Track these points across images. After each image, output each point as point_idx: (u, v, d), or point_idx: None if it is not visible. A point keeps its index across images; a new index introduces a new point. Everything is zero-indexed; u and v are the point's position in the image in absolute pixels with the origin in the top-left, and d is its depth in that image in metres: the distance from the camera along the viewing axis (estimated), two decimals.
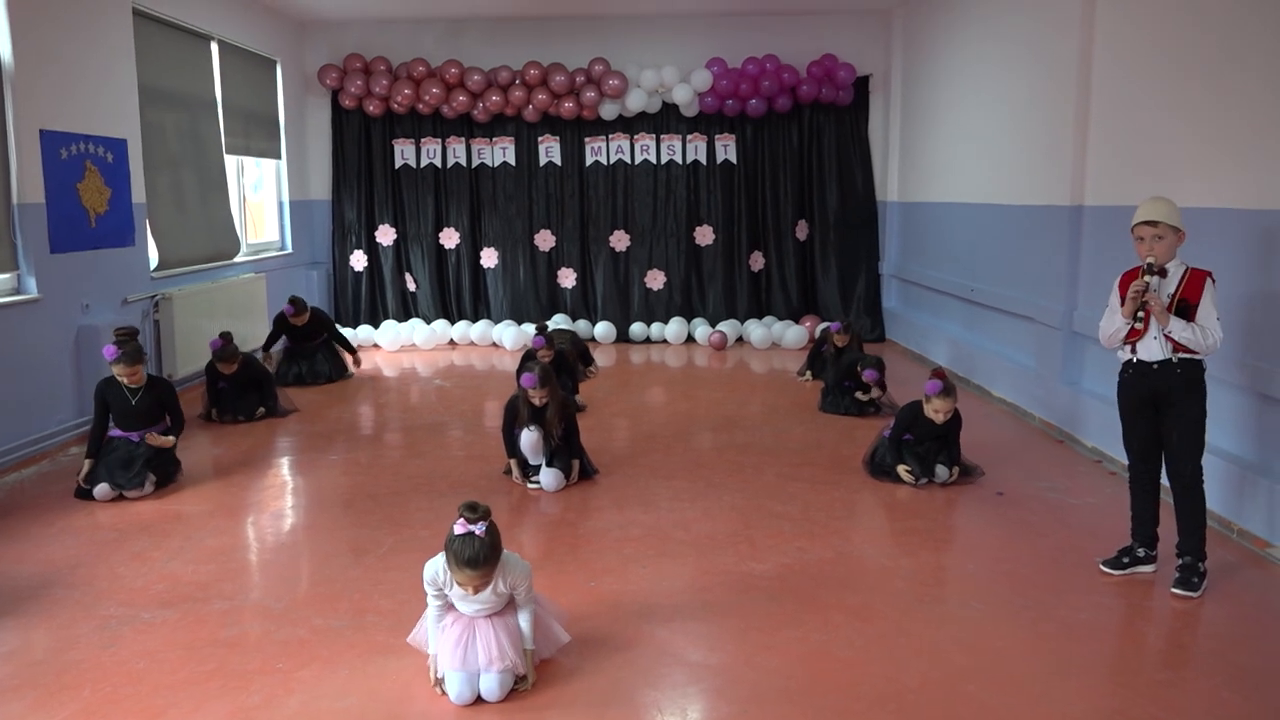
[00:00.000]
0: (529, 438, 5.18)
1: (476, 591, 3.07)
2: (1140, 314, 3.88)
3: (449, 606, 3.21)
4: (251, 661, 3.38)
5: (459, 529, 3.00)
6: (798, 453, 5.97)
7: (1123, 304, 3.93)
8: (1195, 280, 3.86)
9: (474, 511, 3.01)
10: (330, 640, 3.54)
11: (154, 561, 4.28)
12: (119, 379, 5.17)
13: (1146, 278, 3.86)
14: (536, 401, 5.17)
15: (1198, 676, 3.34)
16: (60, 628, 3.64)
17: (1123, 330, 3.97)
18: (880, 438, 5.40)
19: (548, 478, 5.17)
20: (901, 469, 5.20)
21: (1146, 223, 3.86)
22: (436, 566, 3.12)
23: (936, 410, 5.15)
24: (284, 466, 5.87)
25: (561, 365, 6.92)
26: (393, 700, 3.13)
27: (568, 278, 10.50)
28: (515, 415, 5.27)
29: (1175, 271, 3.91)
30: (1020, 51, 7.14)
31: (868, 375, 6.72)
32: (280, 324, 7.99)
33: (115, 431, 5.21)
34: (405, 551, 4.36)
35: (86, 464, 5.13)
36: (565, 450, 5.27)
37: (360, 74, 10.00)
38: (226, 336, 6.72)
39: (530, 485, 5.24)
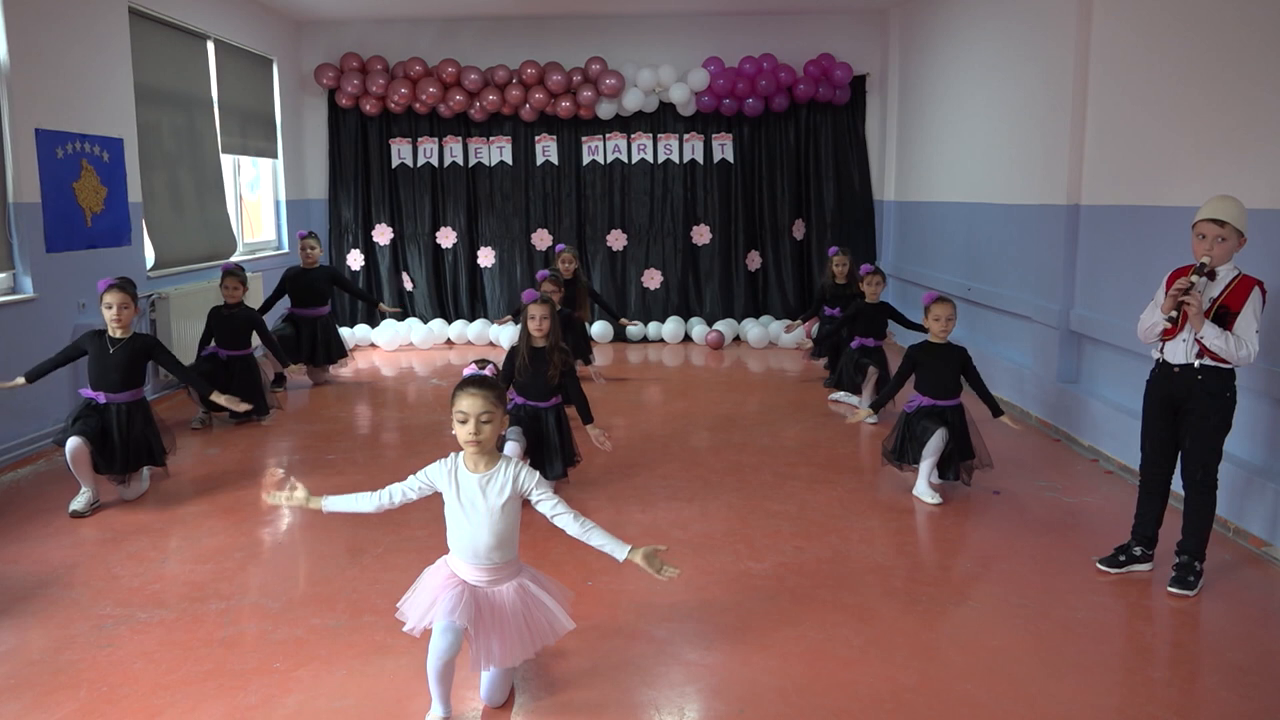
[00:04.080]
0: (512, 449, 4.91)
1: (480, 437, 2.92)
2: (1175, 314, 3.80)
3: (393, 504, 3.09)
4: (249, 661, 3.38)
5: (467, 371, 3.14)
6: (795, 452, 5.97)
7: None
8: (1242, 287, 3.76)
9: (483, 360, 3.24)
10: (328, 640, 3.54)
11: (150, 562, 4.28)
12: (107, 321, 4.91)
13: (1194, 277, 3.76)
14: (536, 330, 5.05)
15: (1195, 675, 3.35)
16: (57, 628, 3.64)
17: (1158, 326, 3.90)
18: (901, 414, 5.31)
19: None
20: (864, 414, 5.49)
21: (1213, 220, 3.75)
22: (444, 460, 3.04)
23: (937, 318, 5.09)
24: (281, 466, 5.86)
25: (568, 326, 6.93)
26: (391, 700, 3.13)
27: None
28: (514, 364, 5.14)
29: (1225, 276, 3.81)
30: (1017, 50, 7.15)
31: (864, 269, 7.01)
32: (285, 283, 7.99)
33: (86, 391, 4.98)
34: (403, 551, 4.36)
35: (17, 380, 4.96)
36: (559, 452, 5.18)
37: (357, 73, 10.00)
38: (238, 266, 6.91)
39: None
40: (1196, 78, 5.04)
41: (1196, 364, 3.83)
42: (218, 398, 5.23)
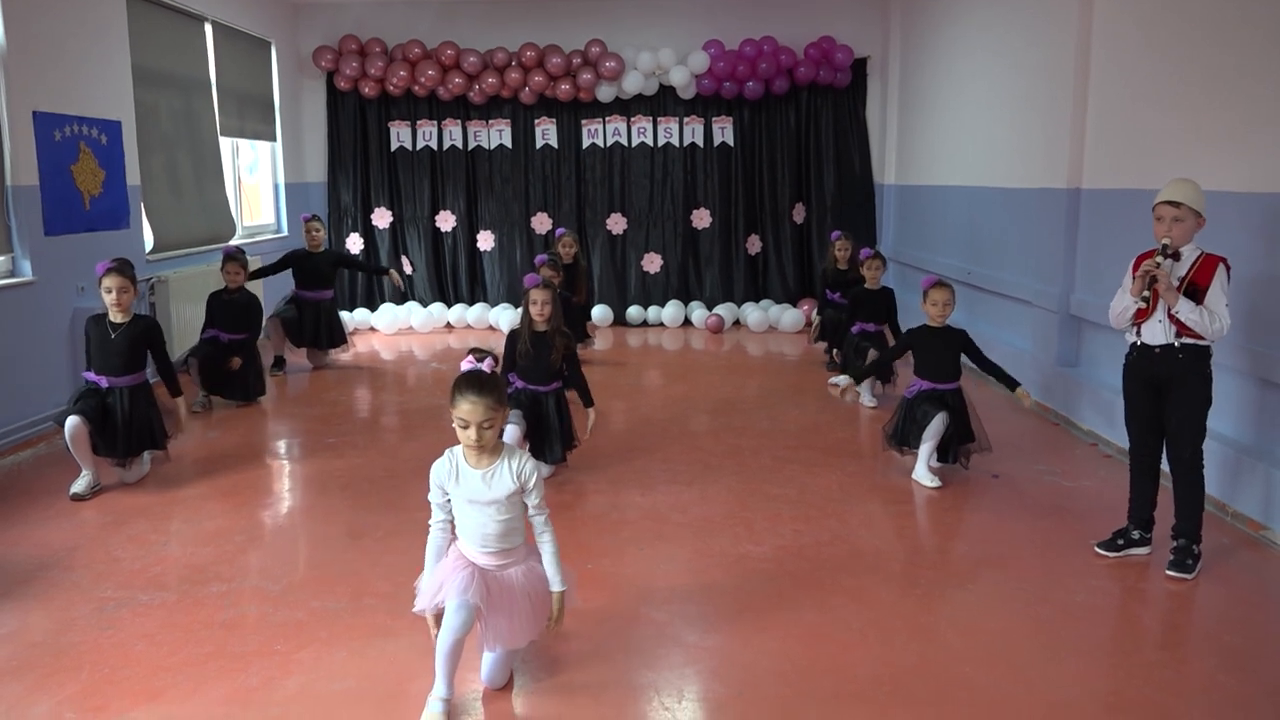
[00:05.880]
0: (512, 433, 4.89)
1: (482, 442, 2.89)
2: (1147, 294, 3.85)
3: (450, 531, 3.07)
4: (250, 643, 3.39)
5: (466, 366, 3.01)
6: (794, 435, 5.98)
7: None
8: (1208, 265, 3.82)
9: (481, 351, 3.06)
10: (328, 622, 3.55)
11: (151, 544, 4.29)
12: (107, 305, 4.91)
13: (1159, 258, 3.82)
14: (537, 315, 5.02)
15: (1192, 658, 3.36)
16: (58, 610, 3.65)
17: (1130, 310, 3.94)
18: (901, 399, 5.29)
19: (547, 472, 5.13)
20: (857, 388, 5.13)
21: (1168, 203, 3.81)
22: (442, 460, 3.01)
23: (935, 303, 5.08)
24: (281, 450, 5.87)
25: (567, 313, 6.91)
26: (391, 682, 3.15)
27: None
28: (515, 349, 5.12)
29: (1189, 256, 3.87)
30: (1018, 33, 7.12)
31: (864, 253, 6.97)
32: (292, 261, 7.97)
33: (89, 374, 4.97)
34: (403, 534, 4.36)
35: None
36: (558, 436, 5.15)
37: (355, 55, 9.95)
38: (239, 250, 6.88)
39: None
40: (1197, 61, 5.01)
41: (1177, 343, 3.87)
42: (180, 403, 5.17)
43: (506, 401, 3.03)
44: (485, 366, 3.00)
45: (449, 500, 3.04)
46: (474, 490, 2.97)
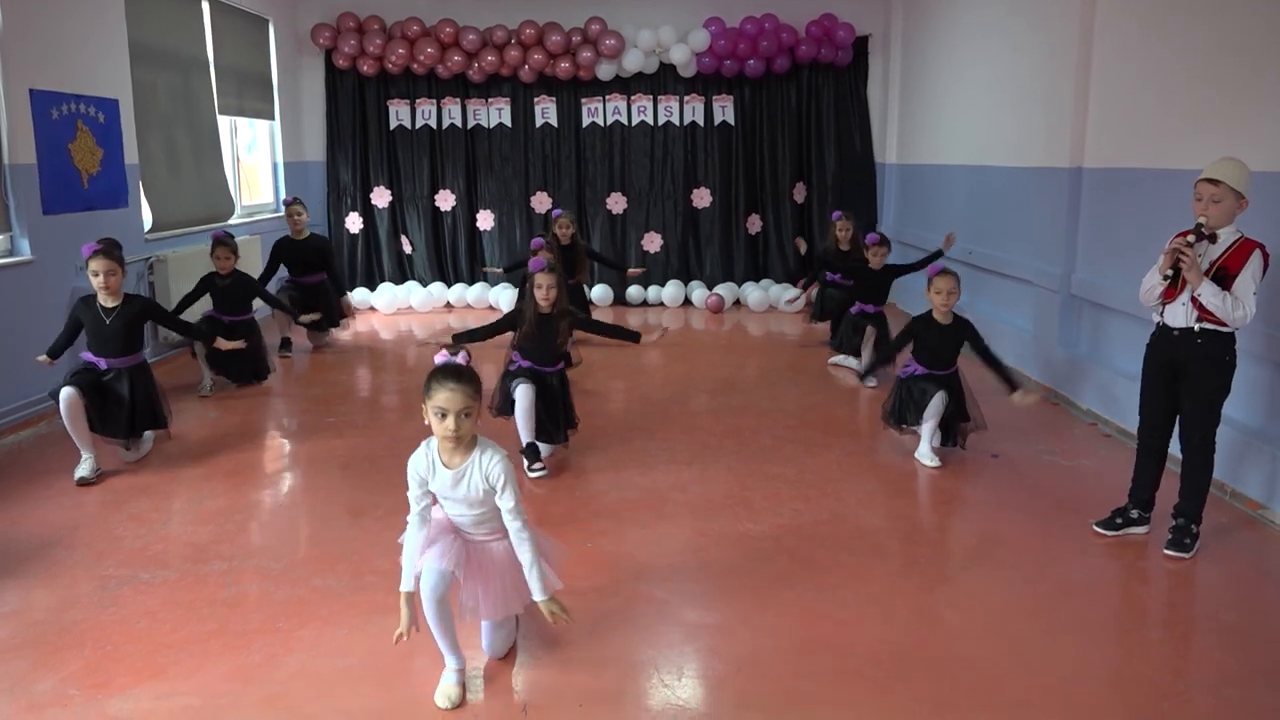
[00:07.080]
0: (525, 392, 4.87)
1: (460, 432, 2.85)
2: (1170, 273, 3.75)
3: (430, 520, 3.08)
4: (251, 621, 3.41)
5: (439, 359, 2.95)
6: (794, 415, 5.98)
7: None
8: (1243, 250, 3.71)
9: (454, 346, 3.03)
10: (330, 600, 3.56)
11: (153, 523, 4.30)
12: (95, 289, 4.87)
13: (1190, 237, 3.73)
14: (543, 299, 4.96)
15: (1189, 636, 3.38)
16: (61, 588, 3.67)
17: (1157, 288, 3.87)
18: (896, 379, 5.27)
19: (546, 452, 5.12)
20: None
21: (1208, 180, 3.72)
22: (420, 452, 3.00)
23: (939, 291, 5.02)
24: (281, 429, 5.88)
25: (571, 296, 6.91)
26: (392, 659, 3.16)
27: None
28: (514, 323, 5.09)
29: (1227, 238, 3.76)
30: (1021, 11, 7.07)
31: (870, 239, 6.93)
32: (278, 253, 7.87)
33: (87, 355, 4.94)
34: (403, 512, 4.29)
35: (42, 358, 4.95)
36: (562, 415, 5.14)
37: (354, 33, 9.88)
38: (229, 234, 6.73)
39: (531, 474, 4.84)
40: (1200, 38, 4.98)
41: (1196, 328, 3.81)
42: (221, 344, 5.28)
43: (481, 394, 2.96)
44: (460, 359, 2.95)
45: (428, 494, 3.04)
46: (444, 488, 2.99)
